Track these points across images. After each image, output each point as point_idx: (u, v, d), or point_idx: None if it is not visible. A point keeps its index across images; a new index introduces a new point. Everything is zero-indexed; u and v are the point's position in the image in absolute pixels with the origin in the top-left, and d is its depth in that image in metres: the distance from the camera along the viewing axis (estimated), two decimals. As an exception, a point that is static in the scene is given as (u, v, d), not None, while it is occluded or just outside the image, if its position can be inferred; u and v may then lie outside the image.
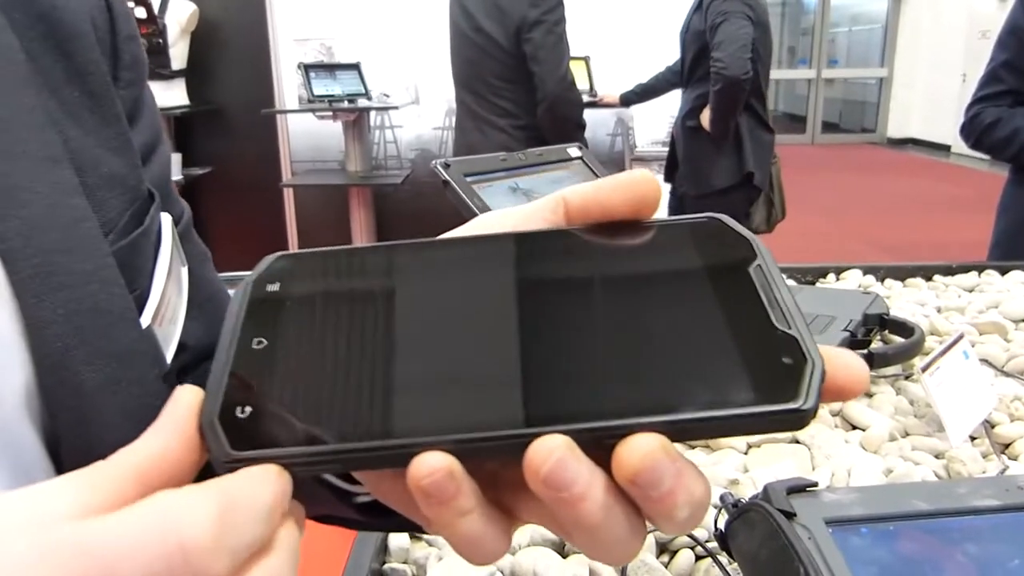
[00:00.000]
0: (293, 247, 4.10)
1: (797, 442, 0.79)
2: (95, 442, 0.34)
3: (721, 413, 0.22)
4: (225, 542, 0.20)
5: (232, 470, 0.22)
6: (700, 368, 0.23)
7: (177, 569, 0.20)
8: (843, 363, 0.23)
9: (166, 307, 0.42)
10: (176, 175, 3.78)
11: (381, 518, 0.42)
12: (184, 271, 0.47)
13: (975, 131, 1.92)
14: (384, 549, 0.66)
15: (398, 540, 0.66)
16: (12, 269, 0.33)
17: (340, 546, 0.76)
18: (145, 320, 0.39)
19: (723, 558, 0.61)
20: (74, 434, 0.34)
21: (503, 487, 0.25)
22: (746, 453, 0.78)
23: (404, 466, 0.22)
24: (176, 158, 3.79)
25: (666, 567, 0.62)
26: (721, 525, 0.59)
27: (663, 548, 0.64)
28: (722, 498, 0.60)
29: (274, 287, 0.27)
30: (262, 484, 0.22)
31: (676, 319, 0.24)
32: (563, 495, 0.22)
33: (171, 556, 0.20)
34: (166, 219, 0.45)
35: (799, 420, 0.22)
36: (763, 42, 2.55)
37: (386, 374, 0.24)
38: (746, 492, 0.69)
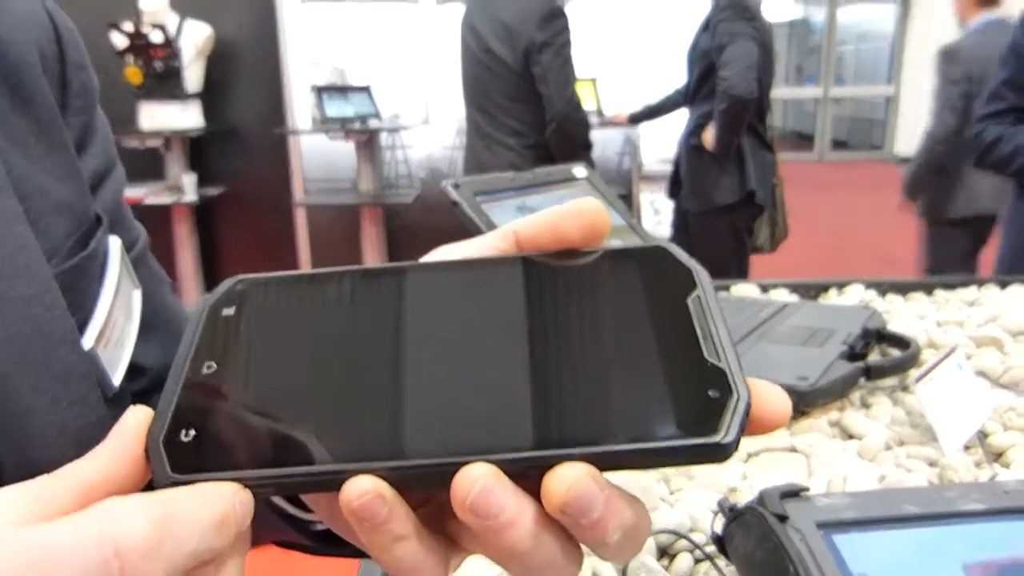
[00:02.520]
0: (304, 265, 4.15)
1: (795, 451, 0.81)
2: (34, 462, 0.34)
3: (642, 446, 0.22)
4: (162, 551, 0.21)
5: None
6: (627, 400, 0.23)
7: (112, 574, 0.20)
8: (767, 398, 0.24)
9: (111, 329, 0.42)
10: (191, 195, 3.84)
11: (335, 547, 0.42)
12: (136, 294, 0.47)
13: (977, 149, 1.95)
14: (396, 554, 0.69)
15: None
16: None
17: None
18: (88, 342, 0.39)
19: (721, 561, 0.63)
20: (14, 454, 0.35)
21: (446, 515, 0.26)
22: (746, 461, 0.80)
23: (338, 490, 0.23)
24: (191, 178, 3.85)
25: (666, 570, 0.64)
26: (718, 529, 0.61)
27: (663, 551, 0.67)
28: (719, 503, 0.63)
29: (229, 311, 0.28)
30: (210, 498, 0.22)
31: (609, 350, 0.25)
32: (490, 523, 0.22)
33: (107, 561, 0.20)
34: (114, 242, 0.45)
35: (720, 453, 0.22)
36: (766, 64, 2.59)
37: (325, 402, 0.25)
38: (745, 498, 0.71)
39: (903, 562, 0.56)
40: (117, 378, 0.42)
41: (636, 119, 3.49)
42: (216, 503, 0.22)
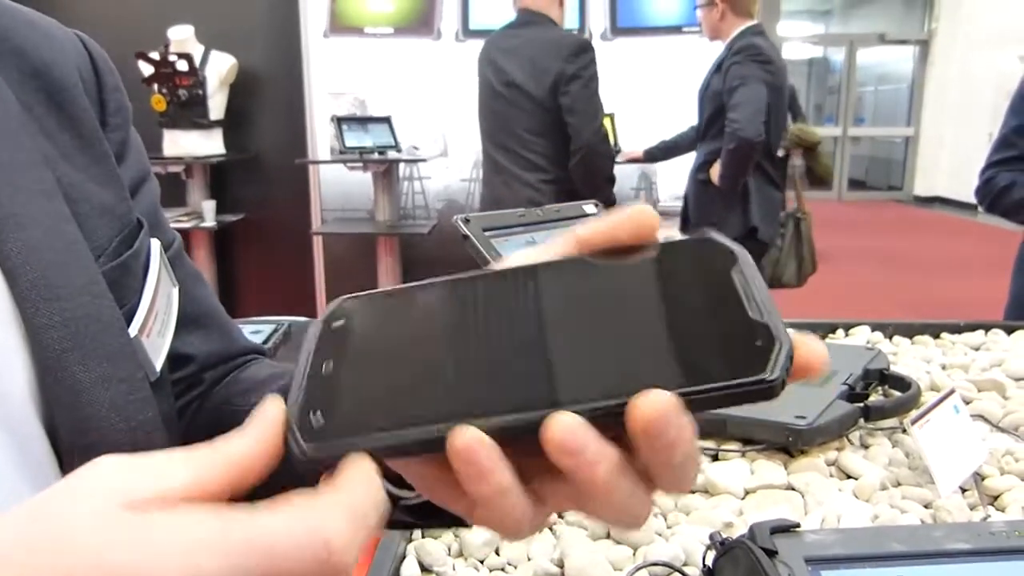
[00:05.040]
0: (321, 293, 4.19)
1: (792, 489, 0.82)
2: (87, 431, 0.40)
3: (704, 387, 0.26)
4: (356, 539, 0.25)
5: (308, 468, 0.28)
6: (690, 354, 0.27)
7: (323, 563, 0.24)
8: (806, 344, 0.27)
9: (153, 321, 0.47)
10: (210, 221, 3.89)
11: (428, 518, 0.47)
12: (174, 291, 0.52)
13: (989, 194, 1.97)
14: (396, 578, 0.71)
15: (409, 570, 0.71)
16: (13, 283, 0.39)
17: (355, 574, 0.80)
18: (133, 330, 0.45)
19: (712, 594, 0.64)
20: (71, 426, 0.40)
21: (534, 478, 0.29)
22: (743, 498, 0.82)
23: (443, 449, 0.26)
24: (210, 204, 3.91)
25: (659, 602, 0.65)
26: (710, 562, 0.63)
27: (657, 584, 0.68)
28: (711, 536, 0.64)
29: (339, 323, 0.34)
30: (372, 483, 0.27)
31: (672, 318, 0.29)
32: (579, 460, 0.26)
33: (318, 551, 0.24)
34: (155, 244, 0.51)
35: (769, 390, 0.26)
36: (777, 105, 2.65)
37: (427, 380, 0.30)
38: (738, 534, 0.73)
39: (890, 599, 0.57)
40: (159, 364, 0.47)
41: (652, 156, 3.53)
42: (373, 490, 0.27)
